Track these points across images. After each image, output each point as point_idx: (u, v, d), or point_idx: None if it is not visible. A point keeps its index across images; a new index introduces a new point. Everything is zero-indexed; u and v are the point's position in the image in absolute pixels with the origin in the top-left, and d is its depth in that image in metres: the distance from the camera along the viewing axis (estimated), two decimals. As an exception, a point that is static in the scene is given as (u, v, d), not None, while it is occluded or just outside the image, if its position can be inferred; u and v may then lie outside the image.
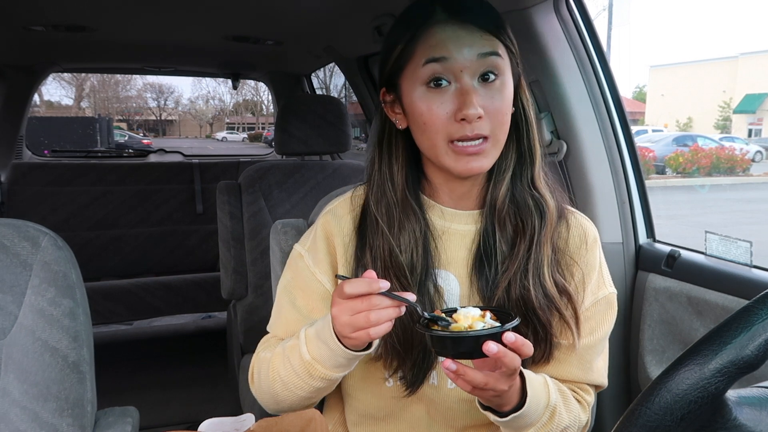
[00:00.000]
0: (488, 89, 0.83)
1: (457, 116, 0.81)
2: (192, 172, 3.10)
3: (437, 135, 0.83)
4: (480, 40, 0.82)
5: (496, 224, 0.90)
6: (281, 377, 0.88)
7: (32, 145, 3.28)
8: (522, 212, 0.90)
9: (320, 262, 0.95)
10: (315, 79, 3.36)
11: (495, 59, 0.83)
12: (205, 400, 2.49)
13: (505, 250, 0.89)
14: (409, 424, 0.95)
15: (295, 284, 0.97)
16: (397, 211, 0.89)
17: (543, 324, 0.87)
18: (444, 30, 0.82)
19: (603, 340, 0.96)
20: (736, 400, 0.47)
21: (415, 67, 0.83)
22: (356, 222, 0.94)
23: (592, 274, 0.94)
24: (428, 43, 0.82)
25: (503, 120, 0.85)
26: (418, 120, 0.84)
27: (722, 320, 0.47)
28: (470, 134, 0.82)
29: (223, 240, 2.04)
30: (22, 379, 0.94)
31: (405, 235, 0.89)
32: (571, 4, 1.33)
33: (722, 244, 1.25)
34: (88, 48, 2.57)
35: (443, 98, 0.82)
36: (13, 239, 0.96)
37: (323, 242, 0.95)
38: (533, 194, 0.91)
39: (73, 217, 2.92)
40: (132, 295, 2.91)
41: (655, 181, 10.80)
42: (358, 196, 0.97)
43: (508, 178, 0.90)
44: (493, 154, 0.86)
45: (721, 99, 22.71)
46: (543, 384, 0.84)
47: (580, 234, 0.94)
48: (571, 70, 1.35)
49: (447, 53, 0.81)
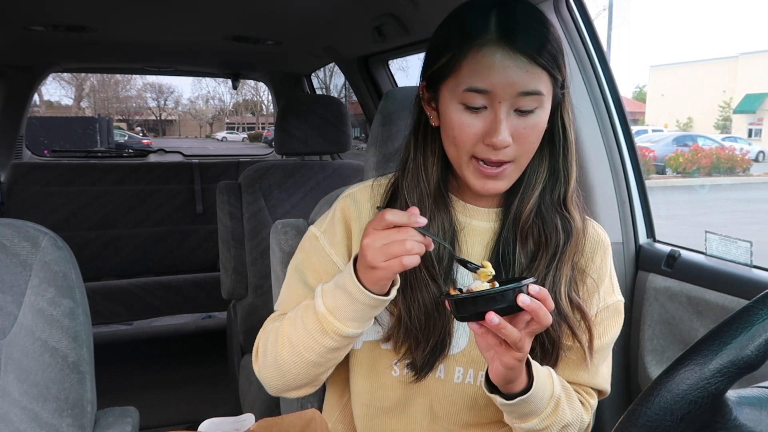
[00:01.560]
0: (522, 119, 0.82)
1: (485, 140, 0.82)
2: (192, 172, 3.10)
3: (463, 150, 0.84)
4: (526, 76, 0.80)
5: (518, 237, 0.90)
6: (290, 340, 0.87)
7: (32, 145, 3.28)
8: (547, 229, 0.90)
9: (336, 244, 0.95)
10: (315, 79, 3.36)
11: (536, 97, 0.81)
12: (205, 400, 2.49)
13: (523, 263, 0.90)
14: (413, 418, 0.95)
15: (307, 264, 0.97)
16: (429, 202, 0.90)
17: (553, 340, 0.88)
18: (493, 56, 0.79)
19: (608, 347, 0.96)
20: (737, 400, 0.47)
21: (456, 85, 0.82)
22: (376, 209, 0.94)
23: (603, 282, 0.95)
24: (473, 68, 0.81)
25: (530, 148, 0.85)
26: (449, 132, 0.85)
27: (722, 320, 0.47)
28: (494, 159, 0.83)
29: (223, 240, 2.04)
30: (22, 379, 0.94)
31: (435, 226, 0.90)
32: (571, 4, 1.33)
33: (722, 244, 1.25)
34: (88, 48, 2.57)
35: (476, 119, 0.82)
36: (13, 239, 0.96)
37: (341, 225, 0.96)
38: (563, 214, 0.90)
39: (73, 217, 2.93)
40: (132, 295, 2.91)
41: (655, 181, 10.80)
42: (379, 185, 0.97)
43: (536, 194, 0.90)
44: (512, 177, 0.87)
45: (721, 99, 22.71)
46: (548, 375, 0.85)
47: (594, 243, 0.95)
48: (571, 70, 1.35)
49: (489, 86, 0.80)
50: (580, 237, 0.91)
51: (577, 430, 0.89)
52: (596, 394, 0.97)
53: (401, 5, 1.66)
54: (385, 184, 0.97)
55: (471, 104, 0.82)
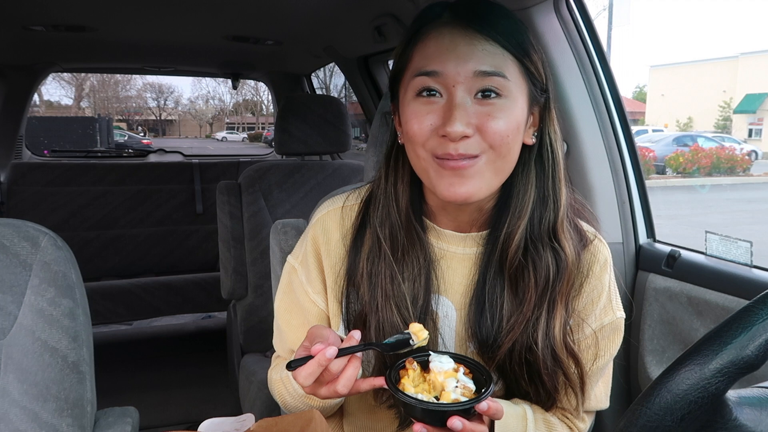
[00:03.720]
0: (486, 107, 0.74)
1: (440, 131, 0.74)
2: (192, 172, 3.10)
3: (421, 149, 0.76)
4: (480, 54, 0.73)
5: (505, 273, 0.82)
6: (287, 403, 0.91)
7: (32, 145, 3.28)
8: (536, 264, 0.80)
9: (313, 280, 0.92)
10: (315, 79, 3.36)
11: (498, 80, 0.74)
12: (205, 400, 2.49)
13: (509, 304, 0.82)
14: None
15: (290, 304, 0.95)
16: (401, 236, 0.83)
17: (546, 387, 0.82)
18: (441, 39, 0.75)
19: (605, 367, 0.91)
20: (737, 400, 0.47)
21: (410, 77, 0.77)
22: (345, 238, 0.89)
23: (597, 301, 0.86)
24: (422, 53, 0.76)
25: (502, 143, 0.75)
26: (407, 132, 0.77)
27: (722, 320, 0.47)
28: (453, 153, 0.74)
29: (223, 240, 2.04)
30: (22, 379, 0.94)
31: (409, 262, 0.83)
32: (571, 4, 1.32)
33: (722, 244, 1.25)
34: (88, 48, 2.57)
35: (430, 110, 0.75)
36: (13, 239, 0.96)
37: (313, 258, 0.91)
38: (553, 246, 0.81)
39: (73, 217, 2.92)
40: (132, 295, 2.91)
41: (655, 181, 10.80)
42: (349, 207, 0.91)
43: (524, 224, 0.80)
44: (486, 178, 0.77)
45: (721, 99, 22.71)
46: (521, 418, 0.81)
47: (589, 261, 0.86)
48: (571, 70, 1.35)
49: (439, 66, 0.74)
50: (572, 273, 0.82)
51: None
52: (590, 416, 0.93)
53: (401, 5, 1.65)
54: (356, 206, 0.90)
55: (423, 89, 0.75)
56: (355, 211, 0.90)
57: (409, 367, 0.75)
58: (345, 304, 0.88)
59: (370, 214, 0.86)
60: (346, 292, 0.88)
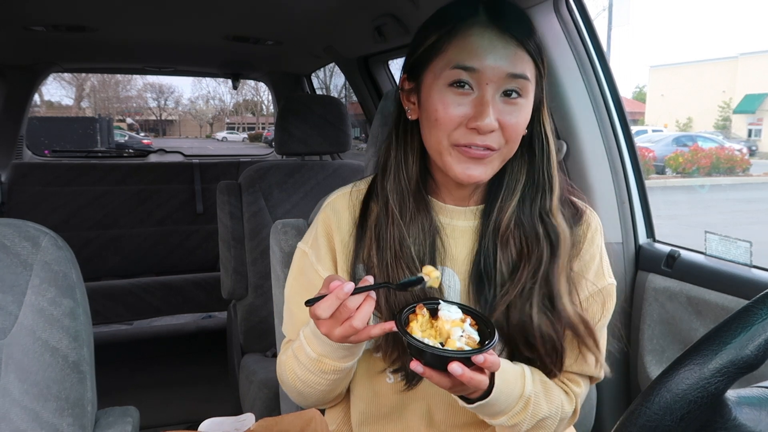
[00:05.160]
0: (508, 105, 0.82)
1: (470, 123, 0.81)
2: (192, 172, 3.10)
3: (444, 135, 0.83)
4: (514, 58, 0.81)
5: (498, 244, 0.89)
6: (299, 377, 0.91)
7: (32, 145, 3.28)
8: (528, 237, 0.88)
9: (323, 258, 0.95)
10: (315, 79, 3.36)
11: (522, 81, 0.82)
12: (205, 400, 2.49)
13: (505, 273, 0.88)
14: (411, 422, 0.95)
15: (301, 286, 0.97)
16: (409, 202, 0.89)
17: (557, 350, 0.86)
18: (482, 37, 0.80)
19: (600, 331, 0.94)
20: (736, 400, 0.47)
21: (443, 66, 0.82)
22: (355, 218, 0.94)
23: (590, 265, 0.92)
24: (463, 47, 0.81)
25: (516, 138, 0.84)
26: (431, 116, 0.83)
27: (722, 320, 0.47)
28: (480, 144, 0.81)
29: (223, 240, 2.04)
30: (23, 379, 0.94)
31: (415, 227, 0.89)
32: (571, 4, 1.33)
33: (722, 244, 1.25)
34: (88, 48, 2.57)
35: (462, 101, 0.81)
36: (14, 239, 0.96)
37: (324, 239, 0.95)
38: (547, 221, 0.88)
39: (73, 217, 2.92)
40: (132, 295, 2.91)
41: (655, 181, 10.80)
42: (357, 191, 0.97)
43: (515, 202, 0.89)
44: (495, 166, 0.85)
45: (721, 99, 22.69)
46: (519, 375, 0.84)
47: (583, 230, 0.93)
48: (571, 70, 1.35)
49: (477, 64, 0.80)
50: (566, 244, 0.88)
51: (558, 420, 0.89)
52: (588, 380, 0.95)
53: (401, 5, 1.66)
54: (363, 190, 0.96)
55: (459, 81, 0.81)
56: (362, 194, 0.96)
57: (419, 312, 0.79)
58: (354, 277, 0.91)
59: (378, 185, 0.92)
60: (353, 269, 0.92)
